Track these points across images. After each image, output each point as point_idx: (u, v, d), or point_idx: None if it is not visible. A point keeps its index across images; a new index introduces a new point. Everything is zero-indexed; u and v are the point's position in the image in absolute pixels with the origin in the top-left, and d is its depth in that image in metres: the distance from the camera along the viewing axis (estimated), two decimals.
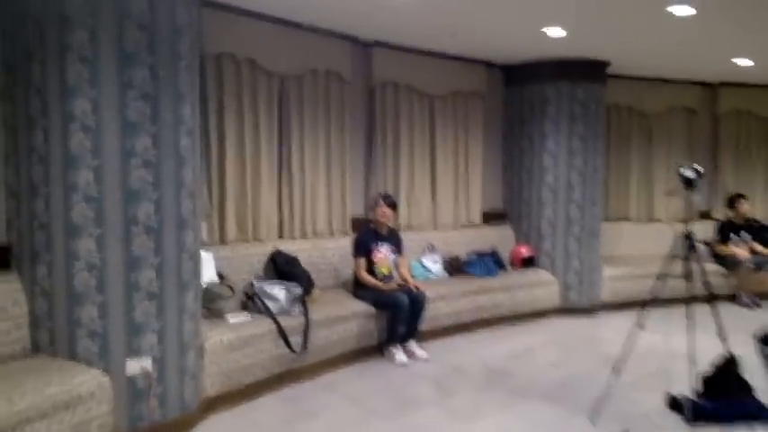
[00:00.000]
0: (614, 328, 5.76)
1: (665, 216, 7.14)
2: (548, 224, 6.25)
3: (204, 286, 3.67)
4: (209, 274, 3.84)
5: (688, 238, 3.62)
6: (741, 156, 7.47)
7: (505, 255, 6.25)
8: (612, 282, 6.35)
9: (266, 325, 3.87)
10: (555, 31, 4.92)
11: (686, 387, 3.74)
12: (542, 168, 6.25)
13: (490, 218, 6.53)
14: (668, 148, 7.23)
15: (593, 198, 6.22)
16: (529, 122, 6.34)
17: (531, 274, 6.08)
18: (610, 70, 6.23)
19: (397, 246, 4.96)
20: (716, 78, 7.08)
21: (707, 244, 6.69)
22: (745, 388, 3.67)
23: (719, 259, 6.68)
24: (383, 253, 4.83)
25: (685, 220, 3.66)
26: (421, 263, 5.69)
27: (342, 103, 5.25)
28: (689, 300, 3.55)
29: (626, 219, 7.16)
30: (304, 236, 5.00)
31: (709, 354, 3.71)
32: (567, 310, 6.16)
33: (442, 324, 5.20)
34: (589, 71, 6.09)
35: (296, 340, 4.00)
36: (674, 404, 3.72)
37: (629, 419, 3.62)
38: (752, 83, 7.11)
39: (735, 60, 5.91)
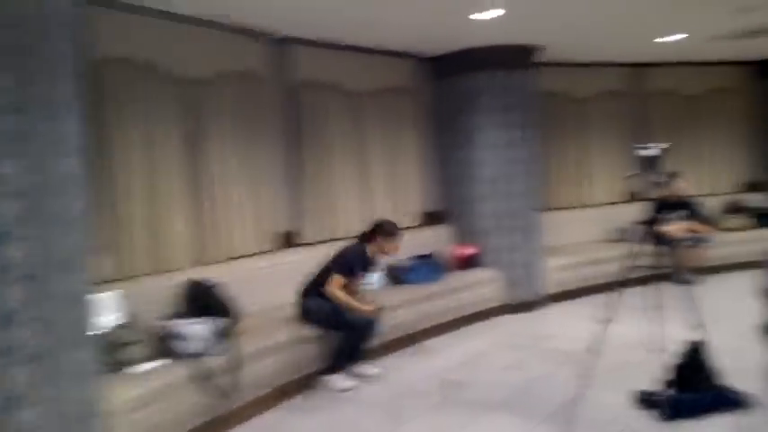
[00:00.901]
0: (564, 320, 5.64)
1: (602, 200, 7.17)
2: (487, 220, 5.98)
3: (107, 335, 3.10)
4: (112, 318, 3.26)
5: (646, 221, 3.46)
6: (671, 135, 7.52)
7: (447, 256, 5.94)
8: (556, 272, 6.19)
9: (184, 370, 3.32)
10: (485, 14, 4.58)
11: (652, 379, 3.53)
12: (479, 162, 5.96)
13: (429, 219, 6.20)
14: (603, 133, 7.20)
15: (531, 189, 6.01)
16: (462, 115, 6.02)
17: (474, 274, 5.80)
18: (543, 58, 6.01)
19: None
20: (644, 59, 7.08)
21: (644, 224, 6.66)
22: (715, 375, 3.48)
23: (656, 238, 6.64)
24: (362, 282, 4.45)
25: (644, 203, 3.49)
26: None
27: (260, 107, 4.78)
28: (638, 283, 3.43)
29: (566, 207, 7.05)
30: (226, 259, 4.48)
31: (668, 340, 3.51)
32: (514, 306, 5.92)
33: (386, 339, 4.78)
34: (522, 58, 5.86)
35: (223, 381, 3.47)
36: (646, 401, 3.48)
37: (600, 424, 3.36)
38: (678, 61, 7.18)
39: (667, 38, 5.83)
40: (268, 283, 4.52)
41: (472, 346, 5.02)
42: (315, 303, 4.17)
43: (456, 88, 6.03)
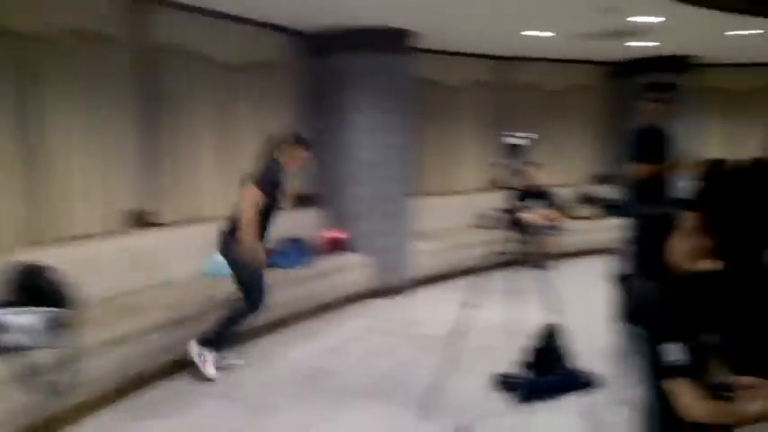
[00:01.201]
0: (431, 305, 5.70)
1: (470, 187, 7.38)
2: (358, 203, 5.88)
3: None
4: None
5: (508, 208, 3.54)
6: (534, 127, 7.88)
7: (317, 239, 5.77)
8: (424, 257, 6.25)
9: (7, 365, 2.87)
10: None
11: (511, 362, 3.64)
12: (352, 145, 5.81)
13: (300, 201, 5.97)
14: (473, 122, 7.42)
15: (403, 174, 5.98)
16: (339, 97, 5.81)
17: (343, 258, 5.69)
18: (418, 44, 5.98)
19: None
20: (512, 53, 7.35)
21: (505, 212, 6.94)
22: (569, 358, 3.65)
23: (516, 226, 6.95)
24: (278, 209, 4.07)
25: (514, 190, 3.57)
26: (214, 259, 4.83)
27: (110, 71, 4.27)
28: (500, 268, 3.62)
29: (435, 193, 7.15)
30: (66, 241, 3.99)
31: (526, 324, 3.63)
32: (382, 291, 5.89)
33: (251, 325, 4.52)
34: (399, 42, 5.76)
35: (56, 378, 3.05)
36: (505, 383, 3.57)
37: (462, 408, 3.39)
38: (543, 57, 7.52)
39: (535, 33, 6.03)
40: (116, 268, 4.09)
41: (339, 332, 4.93)
42: (240, 249, 3.88)
43: (333, 68, 5.82)
